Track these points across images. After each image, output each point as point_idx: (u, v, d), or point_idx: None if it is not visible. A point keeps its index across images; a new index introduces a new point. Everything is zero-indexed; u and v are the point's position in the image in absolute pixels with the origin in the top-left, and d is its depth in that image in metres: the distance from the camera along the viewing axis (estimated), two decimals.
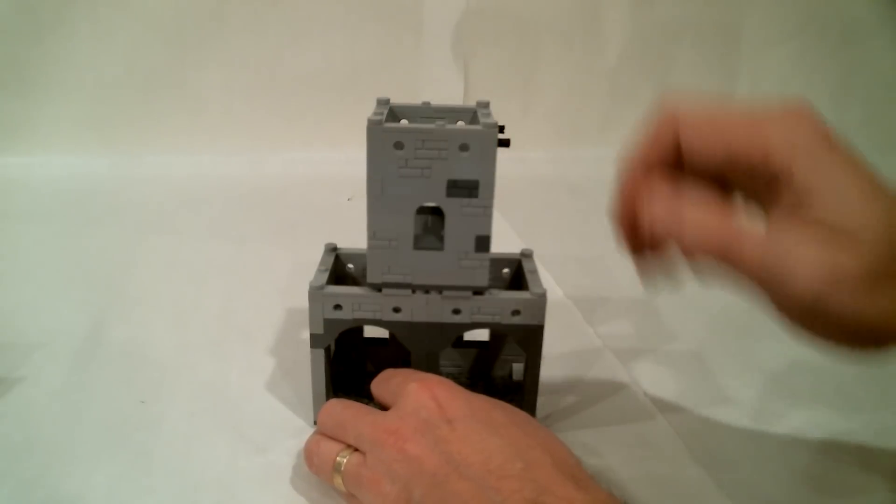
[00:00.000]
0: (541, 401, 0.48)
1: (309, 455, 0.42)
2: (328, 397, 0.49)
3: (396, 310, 0.45)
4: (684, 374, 0.57)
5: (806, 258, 0.31)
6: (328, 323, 0.46)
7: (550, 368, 0.52)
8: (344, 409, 0.42)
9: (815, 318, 0.33)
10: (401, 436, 0.37)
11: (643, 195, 0.35)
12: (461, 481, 0.35)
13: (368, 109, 0.44)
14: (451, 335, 0.46)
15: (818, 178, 0.32)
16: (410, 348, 0.46)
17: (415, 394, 0.39)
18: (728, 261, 0.33)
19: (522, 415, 0.41)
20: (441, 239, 0.43)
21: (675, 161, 0.35)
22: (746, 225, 0.33)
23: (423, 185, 0.42)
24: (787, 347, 0.62)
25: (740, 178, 0.35)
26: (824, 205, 0.31)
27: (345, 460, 0.39)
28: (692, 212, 0.33)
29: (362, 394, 0.52)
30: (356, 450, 0.40)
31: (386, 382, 0.43)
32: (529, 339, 0.46)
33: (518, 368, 0.53)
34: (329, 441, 0.41)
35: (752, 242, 0.32)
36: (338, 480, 0.39)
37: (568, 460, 0.37)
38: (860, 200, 0.31)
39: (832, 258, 0.31)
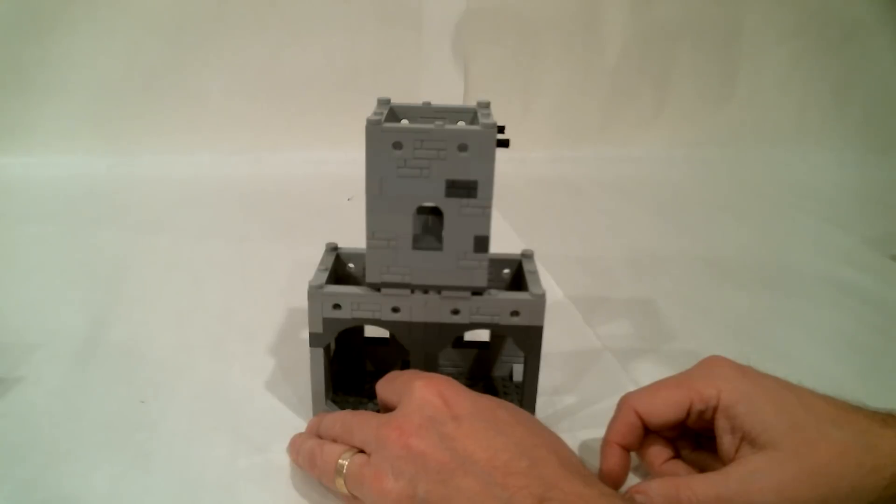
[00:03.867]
0: (541, 401, 0.48)
1: (311, 459, 0.42)
2: (328, 397, 0.49)
3: (395, 310, 0.45)
4: None
5: (756, 486, 0.37)
6: (327, 322, 0.46)
7: (550, 369, 0.52)
8: (352, 415, 0.42)
9: None
10: (405, 431, 0.37)
11: (621, 468, 0.43)
12: (467, 477, 0.35)
13: (368, 109, 0.44)
14: (450, 335, 0.46)
15: (739, 400, 0.40)
16: (409, 348, 0.46)
17: (420, 391, 0.39)
18: None
19: (526, 414, 0.41)
20: (440, 239, 0.43)
21: (642, 434, 0.43)
22: (698, 477, 0.40)
23: (423, 185, 0.42)
24: (787, 348, 0.62)
25: (696, 423, 0.42)
26: (748, 420, 0.39)
27: (347, 462, 0.39)
28: (656, 488, 0.40)
29: (362, 394, 0.52)
30: (360, 451, 0.40)
31: (391, 382, 0.43)
32: (529, 339, 0.46)
33: (518, 369, 0.54)
34: (332, 444, 0.41)
35: (705, 490, 0.38)
36: (339, 482, 0.39)
37: (572, 459, 0.37)
38: (773, 415, 0.39)
39: (774, 477, 0.37)
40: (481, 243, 0.43)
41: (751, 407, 0.40)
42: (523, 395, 0.48)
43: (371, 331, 0.52)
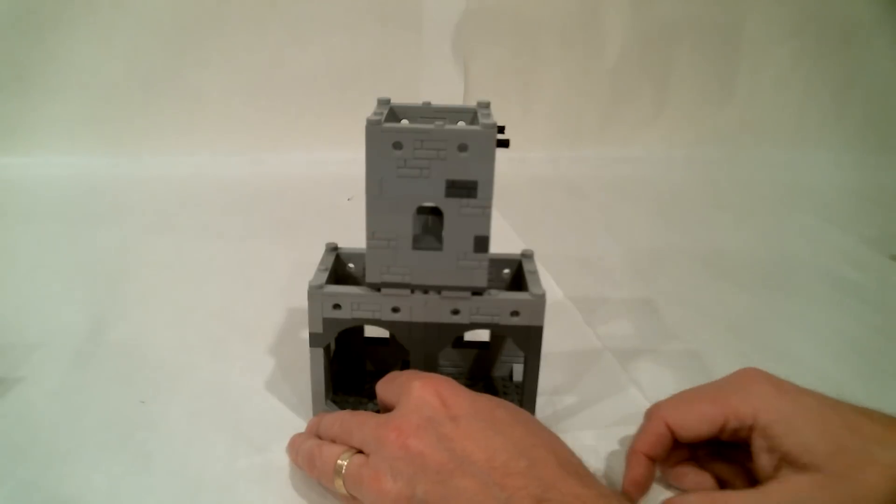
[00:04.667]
0: (541, 401, 0.48)
1: (310, 459, 0.42)
2: (328, 396, 0.49)
3: (395, 310, 0.45)
4: (683, 374, 0.57)
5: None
6: (327, 322, 0.46)
7: (550, 369, 0.52)
8: (352, 416, 0.42)
9: None
10: (403, 432, 0.37)
11: (646, 479, 0.43)
12: (465, 478, 0.35)
13: (368, 109, 0.44)
14: (450, 335, 0.46)
15: (777, 420, 0.39)
16: (409, 348, 0.46)
17: (418, 391, 0.39)
18: None
19: (525, 414, 0.41)
20: (440, 239, 0.43)
21: (670, 445, 0.43)
22: (735, 495, 0.40)
23: (422, 185, 0.42)
24: (787, 348, 0.62)
25: (727, 438, 0.41)
26: (787, 441, 0.38)
27: (346, 462, 0.39)
28: (692, 501, 0.40)
29: (362, 394, 0.52)
30: (359, 452, 0.40)
31: (390, 383, 0.43)
32: (529, 339, 0.46)
33: (518, 369, 0.54)
34: (331, 445, 0.41)
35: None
36: (338, 483, 0.39)
37: (571, 459, 0.37)
38: (814, 437, 0.38)
39: (818, 501, 0.36)
40: (481, 243, 0.43)
41: (790, 427, 0.39)
42: (523, 395, 0.48)
43: (371, 331, 0.52)
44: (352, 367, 0.54)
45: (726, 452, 0.43)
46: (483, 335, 0.52)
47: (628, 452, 0.43)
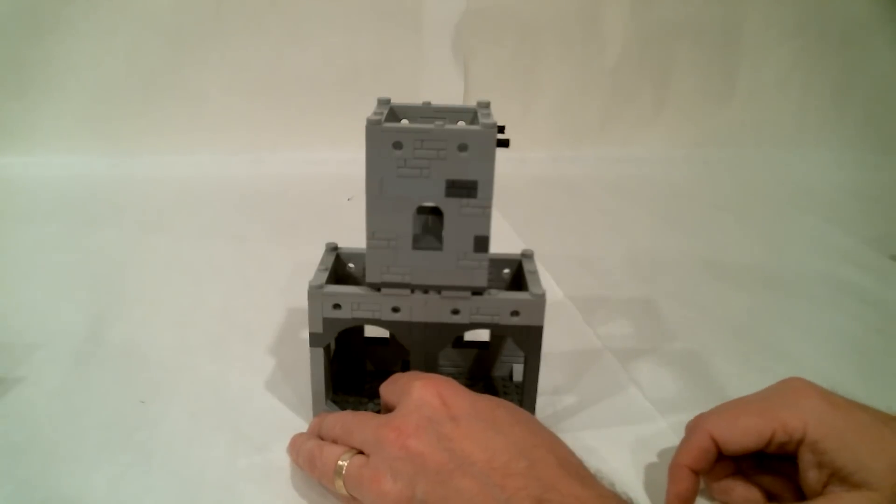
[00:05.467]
0: (541, 401, 0.48)
1: (310, 459, 0.42)
2: (328, 396, 0.49)
3: (395, 309, 0.45)
4: (684, 374, 0.57)
5: None
6: (327, 322, 0.46)
7: (550, 369, 0.52)
8: (353, 416, 0.42)
9: None
10: (403, 432, 0.37)
11: (690, 493, 0.42)
12: (465, 479, 0.34)
13: (368, 109, 0.44)
14: (450, 335, 0.46)
15: (829, 436, 0.38)
16: (409, 348, 0.46)
17: (419, 391, 0.39)
18: None
19: (526, 414, 0.41)
20: (440, 239, 0.43)
21: (715, 458, 0.42)
22: None
23: (422, 184, 0.42)
24: (787, 348, 0.62)
25: (773, 451, 0.40)
26: (840, 457, 0.37)
27: (346, 463, 0.39)
28: None
29: (362, 394, 0.52)
30: (359, 453, 0.40)
31: (392, 384, 0.43)
32: (529, 339, 0.46)
33: (518, 369, 0.54)
34: (331, 445, 0.41)
35: None
36: (339, 483, 0.39)
37: (571, 459, 0.37)
38: (869, 455, 0.37)
39: None
40: (481, 243, 0.43)
41: (842, 443, 0.38)
42: (523, 395, 0.48)
43: (371, 331, 0.52)
44: (352, 367, 0.54)
45: (771, 465, 0.42)
46: (483, 335, 0.52)
47: (671, 466, 0.42)
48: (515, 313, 0.45)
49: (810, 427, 0.39)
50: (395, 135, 0.41)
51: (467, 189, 0.42)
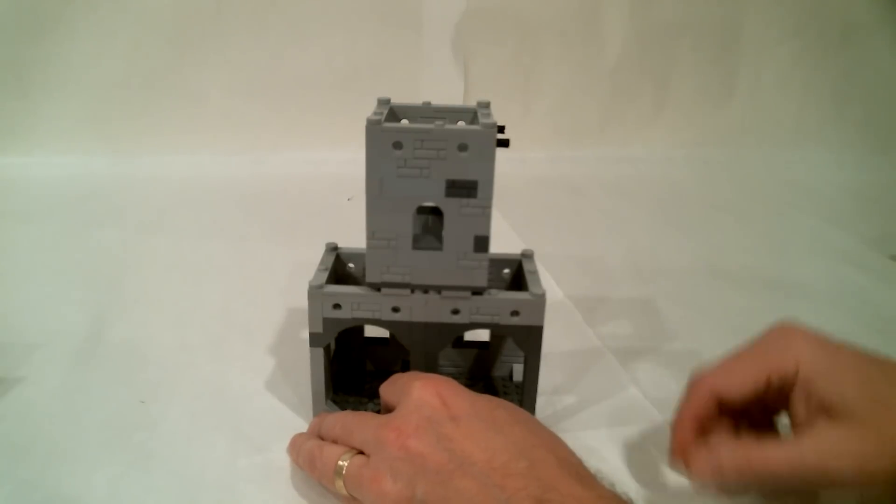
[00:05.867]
0: (541, 401, 0.48)
1: (310, 460, 0.42)
2: (328, 396, 0.49)
3: (395, 309, 0.45)
4: (684, 374, 0.57)
5: (834, 457, 0.37)
6: (327, 322, 0.46)
7: (550, 368, 0.52)
8: (353, 416, 0.42)
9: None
10: (403, 432, 0.37)
11: (691, 448, 0.42)
12: (465, 479, 0.34)
13: (368, 109, 0.44)
14: (450, 335, 0.46)
15: (817, 371, 0.39)
16: (409, 348, 0.46)
17: (418, 391, 0.39)
18: (761, 480, 0.38)
19: (525, 414, 0.41)
20: (440, 239, 0.43)
21: (715, 413, 0.42)
22: (771, 445, 0.39)
23: (422, 184, 0.42)
24: None
25: (772, 398, 0.41)
26: (825, 391, 0.38)
27: (346, 463, 0.39)
28: (726, 453, 0.40)
29: (362, 394, 0.52)
30: (360, 453, 0.40)
31: (392, 384, 0.43)
32: (529, 339, 0.46)
33: (518, 369, 0.54)
34: (331, 446, 0.41)
35: (777, 458, 0.38)
36: (339, 483, 0.39)
37: (571, 459, 0.37)
38: (853, 389, 0.38)
39: (853, 450, 0.36)
40: (481, 243, 0.43)
41: (829, 378, 0.38)
42: (523, 395, 0.48)
43: (371, 331, 0.52)
44: (352, 367, 0.54)
45: (762, 421, 0.43)
46: (483, 335, 0.52)
47: (673, 421, 0.43)
48: (515, 313, 0.45)
49: (802, 366, 0.40)
50: (395, 135, 0.41)
51: (467, 189, 0.42)
